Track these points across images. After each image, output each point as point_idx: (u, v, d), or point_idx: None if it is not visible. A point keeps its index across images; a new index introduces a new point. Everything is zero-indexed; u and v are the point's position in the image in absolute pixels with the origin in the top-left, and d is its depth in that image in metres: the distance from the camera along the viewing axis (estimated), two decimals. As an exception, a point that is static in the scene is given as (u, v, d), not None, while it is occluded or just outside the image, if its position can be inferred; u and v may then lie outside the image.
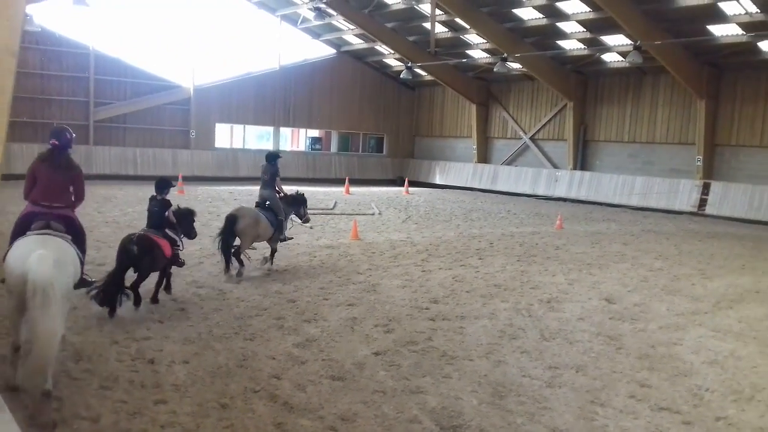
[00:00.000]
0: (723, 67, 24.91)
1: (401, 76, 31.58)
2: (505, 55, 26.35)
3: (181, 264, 9.21)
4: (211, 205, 20.45)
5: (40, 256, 5.25)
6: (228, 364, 6.51)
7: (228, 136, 33.36)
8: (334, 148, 36.82)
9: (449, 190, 32.73)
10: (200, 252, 12.12)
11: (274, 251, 11.44)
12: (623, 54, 25.46)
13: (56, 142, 6.38)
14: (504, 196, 30.17)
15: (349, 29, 32.35)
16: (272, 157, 11.66)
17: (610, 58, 27.65)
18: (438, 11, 27.41)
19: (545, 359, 7.09)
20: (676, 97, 26.57)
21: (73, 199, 6.45)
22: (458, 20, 27.23)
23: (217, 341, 7.24)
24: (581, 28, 25.63)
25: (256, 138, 36.22)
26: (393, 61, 34.91)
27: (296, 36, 34.08)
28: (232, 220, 10.45)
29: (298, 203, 11.89)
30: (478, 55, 30.98)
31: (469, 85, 33.58)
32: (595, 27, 25.00)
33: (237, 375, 6.25)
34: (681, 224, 21.87)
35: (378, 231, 16.76)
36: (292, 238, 12.62)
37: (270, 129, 34.43)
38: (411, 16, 29.22)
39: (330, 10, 29.55)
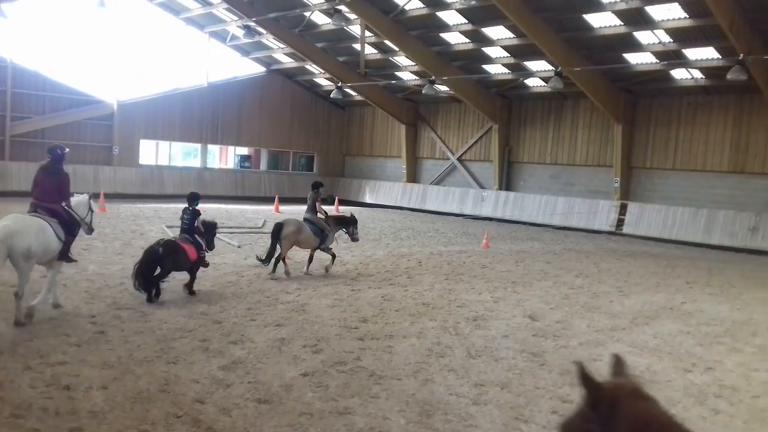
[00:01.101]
0: (638, 94, 26.20)
1: (331, 95, 31.75)
2: (433, 77, 26.89)
3: (206, 265, 10.99)
4: (134, 223, 19.85)
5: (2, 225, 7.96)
6: (149, 389, 6.30)
7: (153, 152, 32.52)
8: (263, 166, 36.49)
9: (379, 209, 32.93)
10: (122, 272, 11.74)
11: (333, 257, 13.42)
12: (545, 79, 26.41)
13: (50, 156, 8.91)
14: (433, 216, 30.60)
15: (279, 48, 32.30)
16: (316, 184, 13.66)
17: (533, 82, 28.62)
18: (367, 33, 27.77)
19: (471, 377, 7.20)
20: (594, 121, 27.73)
21: (60, 197, 8.87)
22: (387, 42, 27.64)
23: (137, 365, 7.00)
24: (506, 54, 26.48)
25: (183, 155, 35.50)
26: (323, 81, 35.03)
27: (225, 53, 33.77)
28: (278, 227, 12.52)
29: (347, 223, 13.71)
30: (407, 76, 31.49)
31: (398, 105, 34.04)
32: (519, 53, 25.88)
33: (159, 400, 6.06)
34: (600, 243, 22.71)
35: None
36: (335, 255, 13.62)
37: (197, 146, 33.83)
38: (341, 36, 29.46)
39: (260, 29, 29.42)
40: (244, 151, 36.20)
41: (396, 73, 31.57)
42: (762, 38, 19.64)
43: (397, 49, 27.74)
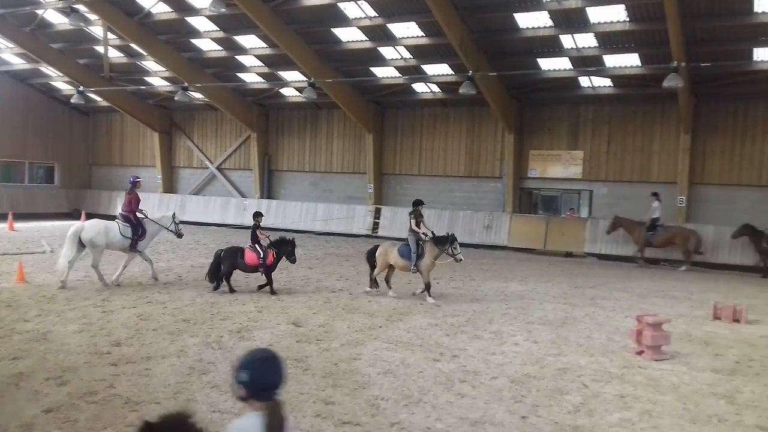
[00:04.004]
0: (385, 105, 27.99)
1: (72, 100, 29.10)
2: (186, 84, 26.03)
3: (260, 271, 13.38)
4: None
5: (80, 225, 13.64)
6: None
7: None
8: (-9, 179, 32.30)
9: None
10: None
11: (427, 285, 13.18)
12: (300, 89, 27.03)
13: (130, 180, 14.72)
14: (193, 226, 29.51)
15: (8, 47, 28.85)
16: (416, 202, 14.00)
17: (289, 92, 29.11)
18: (111, 35, 26.01)
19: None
20: (348, 130, 29.03)
21: (130, 208, 14.07)
22: (134, 46, 26.14)
23: None
24: (260, 63, 26.58)
25: None
26: (63, 85, 32.08)
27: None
28: (372, 250, 13.73)
29: (444, 242, 13.22)
30: (158, 82, 30.07)
31: (150, 112, 32.40)
32: (273, 62, 26.16)
33: None
34: (358, 246, 23.80)
35: (50, 271, 15.09)
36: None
37: None
38: (81, 38, 27.23)
39: (-18, 25, 26.01)
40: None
41: (145, 78, 29.96)
42: (487, 57, 22.16)
43: (145, 53, 26.36)
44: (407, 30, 22.10)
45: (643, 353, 9.14)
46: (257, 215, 14.06)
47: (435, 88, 25.98)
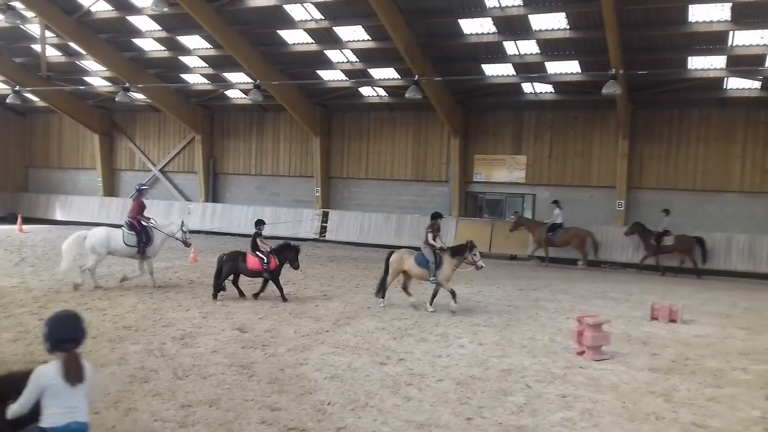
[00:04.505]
0: (332, 108, 27.94)
1: (8, 101, 28.01)
2: (128, 84, 25.40)
3: (260, 276, 13.21)
4: None
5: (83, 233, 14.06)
6: None
7: None
8: None
9: (73, 226, 29.97)
10: None
11: (434, 293, 12.87)
12: (245, 91, 26.72)
13: (136, 187, 15.31)
14: (134, 231, 28.84)
15: (-65, 44, 27.62)
16: (434, 215, 13.47)
17: (234, 94, 28.75)
18: (49, 33, 25.19)
19: (178, 398, 6.98)
20: (295, 133, 28.85)
21: (133, 213, 14.40)
22: (73, 45, 25.38)
23: None
24: (204, 64, 26.17)
25: None
26: (-3, 84, 30.88)
27: None
28: (387, 257, 13.02)
29: (462, 251, 12.72)
30: (98, 82, 29.27)
31: (89, 113, 31.50)
32: (217, 63, 25.80)
33: None
34: (306, 250, 23.44)
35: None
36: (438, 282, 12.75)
37: None
38: (17, 36, 26.29)
39: None
40: None
41: (85, 78, 29.11)
42: (432, 62, 22.39)
43: (84, 52, 25.62)
44: (354, 33, 22.14)
45: (584, 353, 9.38)
46: (259, 223, 13.80)
47: (382, 91, 26.08)
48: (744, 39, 19.02)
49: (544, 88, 23.76)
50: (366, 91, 26.39)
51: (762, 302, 15.53)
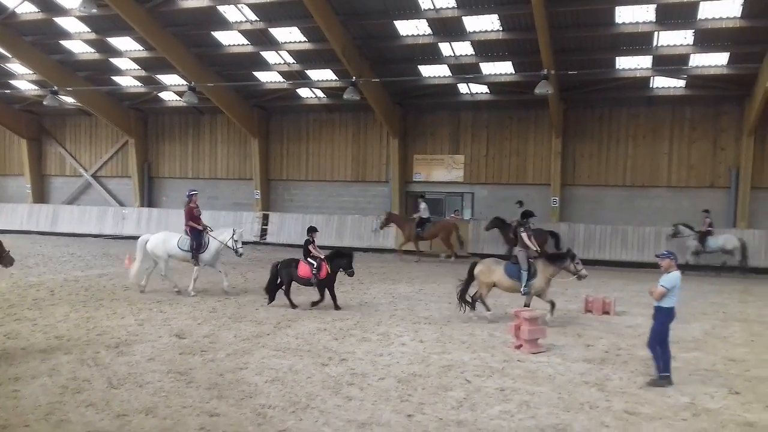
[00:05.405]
0: (270, 110, 27.71)
1: (-73, 105, 26.73)
2: (56, 88, 24.55)
3: (312, 284, 12.80)
4: None
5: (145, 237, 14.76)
6: None
7: None
8: None
9: (0, 234, 28.79)
10: None
11: (551, 303, 11.65)
12: (180, 93, 26.21)
13: (187, 194, 14.55)
14: (67, 238, 27.92)
15: None
16: (527, 213, 12.48)
17: (169, 96, 28.17)
18: (-30, 35, 24.10)
19: (113, 408, 6.79)
20: (233, 135, 28.47)
21: (185, 219, 14.27)
22: (-3, 47, 24.38)
23: None
24: (136, 66, 25.53)
25: None
26: None
27: None
28: (472, 267, 11.96)
29: (561, 259, 11.65)
30: (24, 86, 28.21)
31: (16, 118, 30.36)
32: (150, 66, 25.22)
33: None
34: (246, 253, 23.29)
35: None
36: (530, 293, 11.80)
37: None
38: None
39: None
40: None
41: (11, 81, 27.99)
42: (369, 63, 22.48)
43: (9, 55, 24.62)
44: (290, 35, 22.01)
45: (522, 347, 9.60)
46: (311, 230, 13.39)
47: (320, 93, 26.02)
48: (668, 39, 19.84)
49: (480, 89, 24.17)
50: (304, 92, 26.27)
51: (691, 292, 16.21)
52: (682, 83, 22.08)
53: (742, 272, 19.81)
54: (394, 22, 20.42)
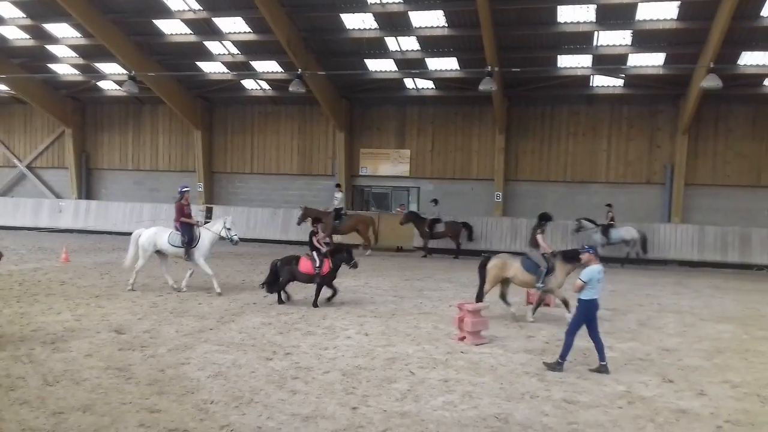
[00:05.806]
0: (214, 101, 27.24)
1: None
2: (-12, 75, 23.57)
3: (314, 281, 12.51)
4: None
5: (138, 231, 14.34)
6: None
7: None
8: None
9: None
10: None
11: (539, 302, 11.99)
12: (119, 83, 25.51)
13: (179, 190, 14.44)
14: (0, 231, 26.83)
15: None
16: (544, 216, 12.30)
17: (108, 86, 27.38)
18: None
19: (49, 406, 6.59)
20: (174, 126, 27.89)
21: (175, 217, 14.00)
22: None
23: None
24: (73, 54, 24.72)
25: None
26: None
27: None
28: (483, 263, 11.88)
29: (573, 257, 11.19)
30: (-48, 72, 26.91)
31: (-57, 106, 28.94)
32: (88, 53, 24.46)
33: None
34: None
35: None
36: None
37: None
38: None
39: None
40: None
41: (-62, 67, 26.70)
42: (315, 56, 22.35)
43: (-64, 39, 23.52)
44: (234, 25, 21.68)
45: (465, 339, 9.75)
46: (317, 221, 13.46)
47: (265, 85, 25.73)
48: (608, 39, 20.40)
49: (425, 84, 24.35)
50: (249, 84, 25.94)
51: (627, 284, 16.77)
52: (620, 82, 22.76)
53: (640, 262, 21.38)
54: (341, 15, 20.36)
